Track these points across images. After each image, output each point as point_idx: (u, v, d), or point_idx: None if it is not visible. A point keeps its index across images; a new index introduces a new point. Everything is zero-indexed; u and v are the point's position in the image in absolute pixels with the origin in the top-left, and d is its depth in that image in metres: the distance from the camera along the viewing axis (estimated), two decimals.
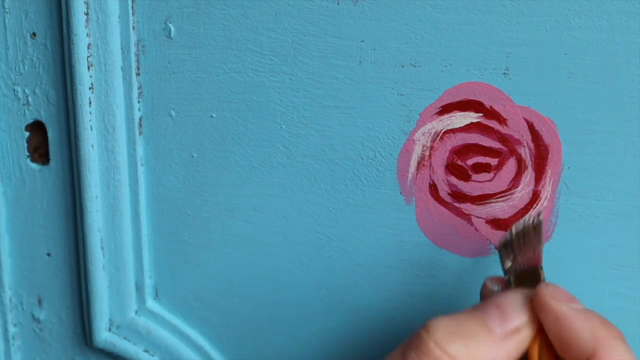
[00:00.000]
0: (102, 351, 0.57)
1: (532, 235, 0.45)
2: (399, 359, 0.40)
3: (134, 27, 0.50)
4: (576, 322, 0.39)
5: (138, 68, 0.51)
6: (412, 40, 0.47)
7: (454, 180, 0.48)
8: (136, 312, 0.56)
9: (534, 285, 0.42)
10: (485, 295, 0.45)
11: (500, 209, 0.48)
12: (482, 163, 0.48)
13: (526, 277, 0.44)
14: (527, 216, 0.47)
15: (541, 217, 0.46)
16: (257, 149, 0.51)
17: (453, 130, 0.48)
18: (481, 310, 0.41)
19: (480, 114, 0.47)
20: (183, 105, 0.51)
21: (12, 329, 0.58)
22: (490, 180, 0.48)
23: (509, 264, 0.45)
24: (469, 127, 0.47)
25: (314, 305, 0.53)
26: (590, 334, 0.39)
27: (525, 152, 0.47)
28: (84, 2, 0.49)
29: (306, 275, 0.53)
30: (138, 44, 0.50)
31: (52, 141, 0.53)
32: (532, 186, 0.48)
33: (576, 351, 0.39)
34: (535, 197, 0.48)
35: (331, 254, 0.52)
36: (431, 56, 0.47)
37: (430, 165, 0.49)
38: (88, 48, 0.50)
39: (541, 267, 0.44)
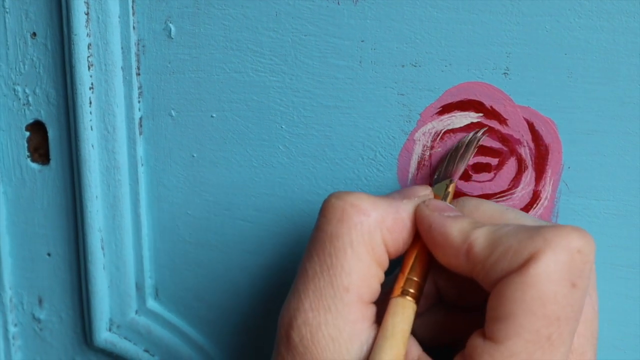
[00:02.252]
0: (102, 351, 0.57)
1: (462, 150, 0.47)
2: (314, 232, 0.43)
3: (134, 27, 0.50)
4: (447, 225, 0.41)
5: (138, 68, 0.51)
6: (413, 40, 0.47)
7: None
8: (136, 312, 0.56)
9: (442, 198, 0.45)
10: None
11: None
12: (482, 163, 0.48)
13: (440, 189, 0.46)
14: (471, 133, 0.47)
15: (478, 135, 0.47)
16: (258, 148, 0.51)
17: (453, 130, 0.48)
18: None
19: (481, 114, 0.47)
20: (183, 105, 0.51)
21: (12, 329, 0.58)
22: (490, 180, 0.48)
23: (436, 175, 0.47)
24: (469, 127, 0.47)
25: None
26: (459, 232, 0.41)
27: (526, 152, 0.47)
28: (84, 2, 0.49)
29: None
30: (138, 44, 0.50)
31: (52, 141, 0.53)
32: (532, 186, 0.48)
33: (450, 250, 0.41)
34: (535, 197, 0.48)
35: None
36: (431, 56, 0.47)
37: (431, 165, 0.49)
38: (88, 48, 0.50)
39: (451, 181, 0.46)
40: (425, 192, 0.44)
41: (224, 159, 0.52)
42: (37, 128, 0.54)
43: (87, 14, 0.49)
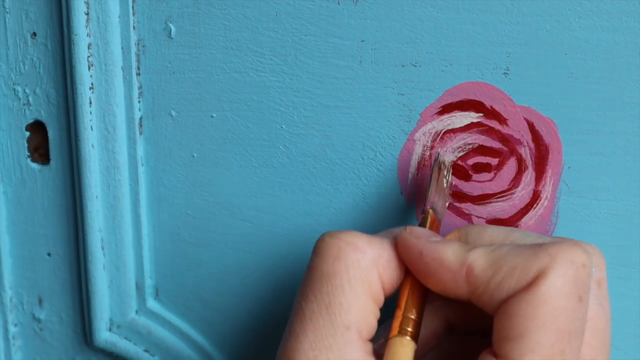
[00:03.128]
0: (102, 351, 0.57)
1: (429, 179, 0.47)
2: (309, 271, 0.42)
3: (134, 27, 0.50)
4: (440, 251, 0.40)
5: (138, 68, 0.51)
6: (413, 40, 0.47)
7: (454, 180, 0.48)
8: (136, 312, 0.56)
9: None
10: None
11: (500, 208, 0.48)
12: (482, 163, 0.48)
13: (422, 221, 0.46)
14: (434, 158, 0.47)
15: (440, 159, 0.47)
16: (258, 148, 0.51)
17: (454, 130, 0.48)
18: None
19: (481, 114, 0.47)
20: (183, 105, 0.51)
21: (12, 329, 0.58)
22: (490, 180, 0.48)
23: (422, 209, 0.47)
24: (469, 127, 0.47)
25: None
26: (454, 255, 0.40)
27: (526, 152, 0.47)
28: (85, 2, 0.49)
29: None
30: (138, 44, 0.50)
31: (52, 141, 0.53)
32: (532, 186, 0.48)
33: (448, 275, 0.40)
34: (535, 197, 0.48)
35: None
36: (431, 56, 0.47)
37: (431, 165, 0.49)
38: (88, 48, 0.50)
39: (423, 211, 0.45)
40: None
41: (224, 159, 0.51)
42: (37, 128, 0.54)
43: (87, 14, 0.49)
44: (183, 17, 0.49)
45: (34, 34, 0.51)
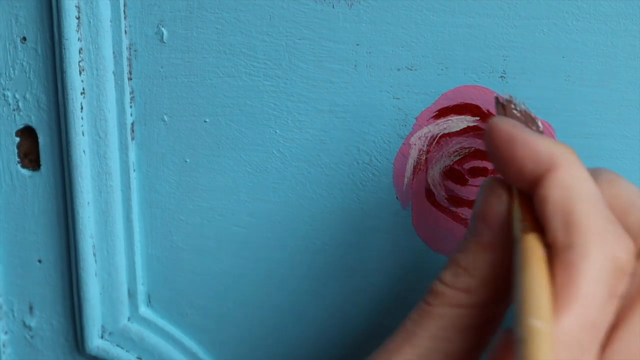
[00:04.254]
0: (94, 358, 0.57)
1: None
2: (422, 306, 0.41)
3: (126, 31, 0.50)
4: (530, 138, 0.37)
5: (130, 72, 0.50)
6: (408, 43, 0.46)
7: (450, 184, 0.48)
8: (129, 319, 0.55)
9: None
10: None
11: None
12: (479, 167, 0.48)
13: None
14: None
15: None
16: (251, 153, 0.50)
17: (450, 134, 0.47)
18: (468, 231, 0.40)
19: (477, 118, 0.47)
20: (176, 110, 0.51)
21: (2, 337, 0.58)
22: None
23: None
24: (465, 131, 0.47)
25: (309, 311, 0.53)
26: (546, 149, 0.36)
27: None
28: (76, 6, 0.49)
29: (301, 281, 0.53)
30: (130, 48, 0.50)
31: (42, 147, 0.53)
32: None
33: (530, 169, 0.36)
34: None
35: (326, 260, 0.52)
36: (427, 59, 0.46)
37: (427, 169, 0.48)
38: (79, 52, 0.50)
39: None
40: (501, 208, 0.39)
41: (217, 164, 0.51)
42: (27, 134, 0.53)
43: (78, 18, 0.49)
44: (175, 21, 0.49)
45: (24, 38, 0.51)
